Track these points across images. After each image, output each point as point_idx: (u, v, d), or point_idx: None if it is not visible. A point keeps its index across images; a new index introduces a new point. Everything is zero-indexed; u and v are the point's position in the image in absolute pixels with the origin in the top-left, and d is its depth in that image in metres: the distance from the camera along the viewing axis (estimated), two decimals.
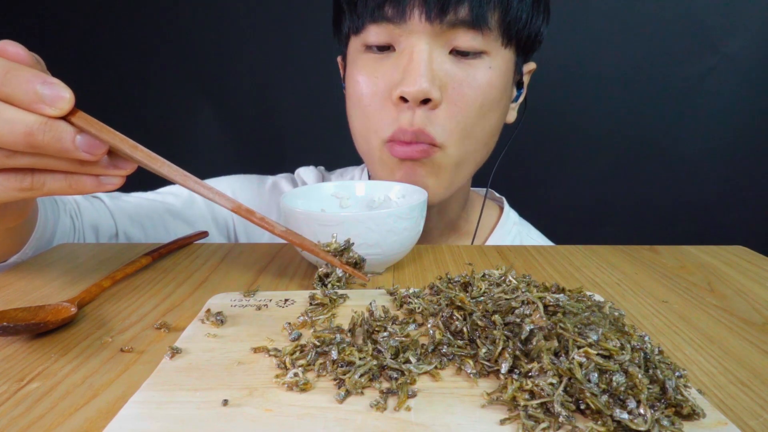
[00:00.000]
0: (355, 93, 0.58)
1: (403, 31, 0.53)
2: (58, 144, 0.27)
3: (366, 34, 0.55)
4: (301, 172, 0.78)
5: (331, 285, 0.41)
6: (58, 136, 0.27)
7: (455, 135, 0.55)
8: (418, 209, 0.44)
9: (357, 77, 0.57)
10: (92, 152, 0.28)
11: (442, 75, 0.53)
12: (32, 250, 0.51)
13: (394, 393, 0.26)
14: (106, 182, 0.31)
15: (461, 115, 0.55)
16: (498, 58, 0.55)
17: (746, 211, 1.28)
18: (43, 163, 0.29)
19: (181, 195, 0.72)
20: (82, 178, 0.30)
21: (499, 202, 0.77)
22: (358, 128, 0.60)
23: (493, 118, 0.58)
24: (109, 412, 0.26)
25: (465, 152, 0.57)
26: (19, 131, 0.27)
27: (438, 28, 0.52)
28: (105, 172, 0.30)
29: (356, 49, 0.58)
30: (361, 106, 0.58)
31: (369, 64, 0.56)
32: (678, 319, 0.38)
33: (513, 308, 0.31)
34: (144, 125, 1.31)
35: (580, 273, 0.47)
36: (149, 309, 0.39)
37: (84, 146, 0.28)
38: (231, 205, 0.34)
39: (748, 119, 1.22)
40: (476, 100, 0.55)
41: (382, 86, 0.55)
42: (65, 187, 0.30)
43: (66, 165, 0.29)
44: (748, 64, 1.18)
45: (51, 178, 0.30)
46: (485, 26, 0.52)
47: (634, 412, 0.24)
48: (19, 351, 0.32)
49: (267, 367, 0.29)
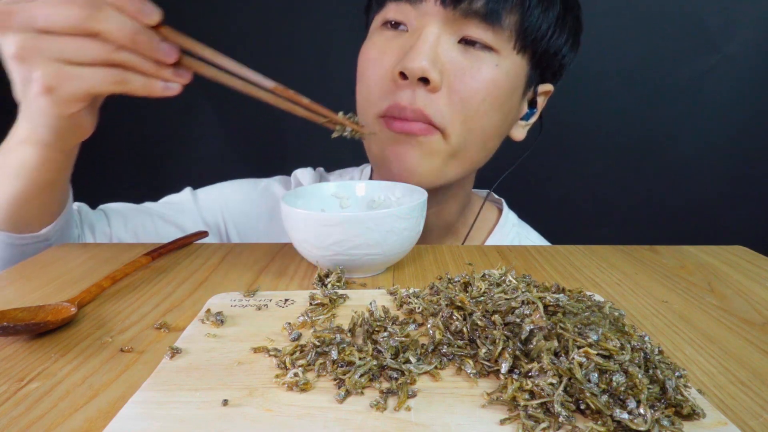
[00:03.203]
0: (362, 66, 0.59)
1: (418, 12, 0.54)
2: (149, 43, 0.37)
3: (386, 10, 0.57)
4: (298, 173, 0.78)
5: (331, 285, 0.41)
6: (150, 38, 0.37)
7: (456, 122, 0.55)
8: (418, 209, 0.44)
9: (368, 51, 0.59)
10: (169, 54, 0.39)
11: (446, 61, 0.54)
12: (59, 229, 0.54)
13: (394, 393, 0.26)
14: (171, 86, 0.40)
15: (462, 104, 0.55)
16: (507, 60, 0.55)
17: (746, 211, 1.28)
18: (133, 61, 0.38)
19: (174, 201, 0.72)
20: (155, 81, 0.39)
21: (498, 204, 0.77)
22: (359, 101, 0.61)
23: (494, 118, 0.57)
24: (109, 412, 0.26)
25: (463, 143, 0.57)
26: (128, 30, 0.36)
27: (451, 14, 0.52)
28: (171, 78, 0.40)
29: (376, 26, 0.60)
30: (364, 78, 0.59)
31: (382, 40, 0.57)
32: (678, 319, 0.38)
33: (513, 308, 0.31)
34: (144, 125, 1.31)
35: (580, 273, 0.47)
36: (149, 309, 0.39)
37: (165, 48, 0.38)
38: (271, 84, 0.43)
39: (748, 119, 1.22)
40: (479, 93, 0.55)
41: (387, 62, 0.56)
42: (141, 86, 0.39)
43: (148, 66, 0.38)
44: (748, 64, 1.18)
45: (134, 77, 0.39)
46: (498, 23, 0.53)
47: (634, 412, 0.24)
48: (19, 351, 0.32)
49: (267, 367, 0.29)
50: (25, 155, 0.45)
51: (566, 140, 1.27)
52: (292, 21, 1.25)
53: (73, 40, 0.36)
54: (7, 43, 0.36)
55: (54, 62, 0.37)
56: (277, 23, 1.26)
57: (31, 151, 0.45)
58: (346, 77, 0.65)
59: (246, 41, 1.25)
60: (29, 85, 0.38)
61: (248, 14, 1.26)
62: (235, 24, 1.25)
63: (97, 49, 0.37)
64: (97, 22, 0.36)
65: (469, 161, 0.60)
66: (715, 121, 1.23)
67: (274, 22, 1.26)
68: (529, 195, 1.08)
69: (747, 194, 1.28)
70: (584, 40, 0.62)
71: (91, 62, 0.37)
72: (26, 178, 0.47)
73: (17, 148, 0.45)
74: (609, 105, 1.24)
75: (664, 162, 1.27)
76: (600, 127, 1.26)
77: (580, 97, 1.22)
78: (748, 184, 1.27)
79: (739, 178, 1.27)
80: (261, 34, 1.26)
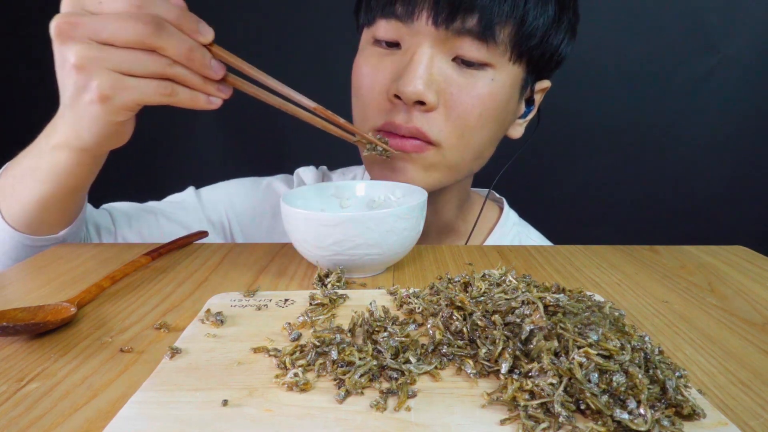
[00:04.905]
0: (356, 82, 0.59)
1: (410, 31, 0.53)
2: (202, 61, 0.39)
3: (376, 27, 0.56)
4: (301, 172, 0.79)
5: (331, 285, 0.41)
6: (203, 55, 0.39)
7: (453, 137, 0.55)
8: (418, 209, 0.44)
9: (361, 67, 0.58)
10: (218, 72, 0.41)
11: (441, 80, 0.53)
12: (76, 231, 0.56)
13: (394, 393, 0.26)
14: (213, 101, 0.42)
15: (459, 120, 0.54)
16: (503, 73, 0.55)
17: (746, 211, 1.28)
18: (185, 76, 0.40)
19: (177, 201, 0.72)
20: (200, 94, 0.41)
21: (499, 203, 0.77)
22: (355, 113, 0.62)
23: (491, 129, 0.57)
24: (109, 412, 0.26)
25: (461, 158, 0.57)
26: (185, 47, 0.38)
27: (443, 33, 0.52)
28: (215, 93, 0.41)
29: (366, 41, 0.59)
30: (360, 95, 0.59)
31: (374, 56, 0.57)
32: (678, 319, 0.38)
33: (513, 308, 0.31)
34: (144, 125, 1.31)
35: (580, 273, 0.47)
36: (149, 309, 0.39)
37: (215, 65, 0.40)
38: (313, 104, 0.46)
39: (748, 119, 1.23)
40: (475, 108, 0.54)
41: (381, 80, 0.56)
42: (188, 99, 0.41)
43: (196, 81, 0.40)
44: (748, 64, 1.18)
45: (182, 90, 0.40)
46: (492, 39, 0.52)
47: (635, 413, 0.23)
48: (19, 351, 0.32)
49: (267, 367, 0.29)
50: (60, 159, 0.46)
51: (566, 140, 1.27)
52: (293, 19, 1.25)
53: (132, 52, 0.38)
54: (69, 52, 0.38)
55: (112, 73, 0.38)
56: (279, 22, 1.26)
57: (66, 156, 0.46)
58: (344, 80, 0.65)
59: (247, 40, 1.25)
60: (83, 92, 0.39)
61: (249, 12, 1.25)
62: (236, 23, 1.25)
63: (155, 62, 0.38)
64: (159, 38, 0.37)
65: (467, 170, 0.61)
66: (715, 121, 1.23)
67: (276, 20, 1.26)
68: (530, 194, 1.08)
69: (747, 194, 1.28)
70: (585, 40, 0.62)
71: (146, 75, 0.39)
72: (56, 182, 0.47)
73: (51, 152, 0.46)
74: (609, 105, 1.24)
75: (664, 162, 1.27)
76: (600, 127, 1.26)
77: (581, 97, 1.22)
78: (748, 184, 1.27)
79: (739, 178, 1.27)
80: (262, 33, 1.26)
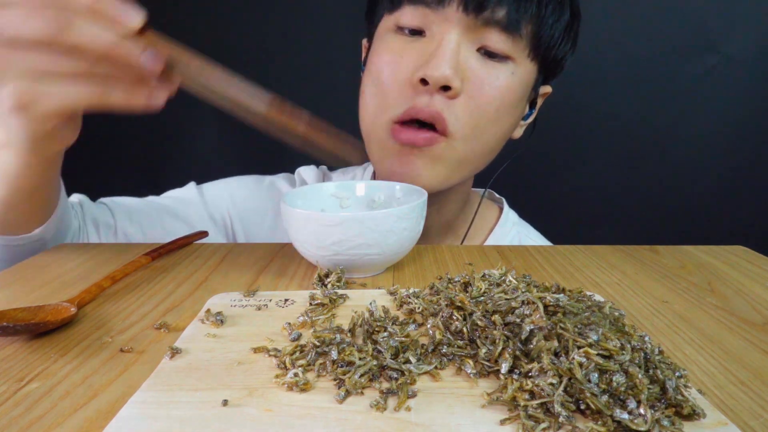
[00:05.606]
0: (376, 70, 0.58)
1: (438, 17, 0.53)
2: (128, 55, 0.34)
3: (401, 13, 0.56)
4: (302, 170, 0.79)
5: (331, 285, 0.41)
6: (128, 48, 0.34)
7: (467, 128, 0.55)
8: (418, 209, 0.44)
9: (382, 55, 0.57)
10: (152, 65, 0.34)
11: (465, 68, 0.54)
12: (54, 227, 0.52)
13: (394, 393, 0.26)
14: (156, 98, 0.36)
15: (478, 112, 0.55)
16: (522, 67, 0.56)
17: (746, 211, 1.28)
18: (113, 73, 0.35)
19: (179, 196, 0.72)
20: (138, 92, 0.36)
21: (499, 203, 0.77)
22: (370, 106, 0.59)
23: (505, 125, 0.58)
24: (109, 412, 0.26)
25: (471, 151, 0.57)
26: (104, 40, 0.33)
27: (472, 22, 0.52)
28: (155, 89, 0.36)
29: (387, 28, 0.58)
30: (379, 83, 0.58)
31: (397, 44, 0.57)
32: (678, 319, 0.38)
33: (513, 308, 0.31)
34: (144, 124, 1.31)
35: (580, 273, 0.47)
36: (149, 309, 0.39)
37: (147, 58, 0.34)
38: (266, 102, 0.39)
39: (748, 119, 1.22)
40: (494, 101, 0.55)
41: (404, 68, 0.55)
42: (124, 99, 0.36)
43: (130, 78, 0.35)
44: (748, 64, 1.18)
45: (114, 89, 0.35)
46: (517, 33, 0.53)
47: (635, 413, 0.23)
48: (19, 351, 0.32)
49: (267, 367, 0.29)
50: (6, 161, 0.42)
51: (566, 140, 1.27)
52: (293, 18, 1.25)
53: (44, 53, 0.33)
54: None
55: (25, 77, 0.33)
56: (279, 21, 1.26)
57: (10, 158, 0.41)
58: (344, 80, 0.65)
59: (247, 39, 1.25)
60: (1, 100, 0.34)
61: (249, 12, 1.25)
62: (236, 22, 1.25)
63: (71, 61, 0.33)
64: (69, 33, 0.32)
65: (475, 166, 0.61)
66: (715, 121, 1.23)
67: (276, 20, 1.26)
68: (530, 194, 1.08)
69: (747, 194, 1.28)
70: (584, 40, 0.63)
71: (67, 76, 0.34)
72: (8, 185, 0.44)
73: None
74: (609, 105, 1.24)
75: (664, 162, 1.27)
76: (600, 126, 1.26)
77: (581, 97, 1.22)
78: (748, 184, 1.27)
79: (739, 178, 1.27)
80: (262, 33, 1.26)
